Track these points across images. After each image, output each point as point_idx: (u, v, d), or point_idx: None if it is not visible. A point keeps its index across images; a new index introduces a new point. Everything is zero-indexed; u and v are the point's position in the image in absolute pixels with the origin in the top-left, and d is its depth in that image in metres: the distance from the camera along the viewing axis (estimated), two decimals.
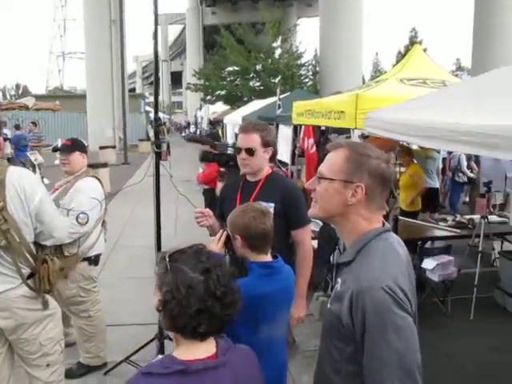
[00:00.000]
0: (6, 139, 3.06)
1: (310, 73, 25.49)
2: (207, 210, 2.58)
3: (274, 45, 24.81)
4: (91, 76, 25.39)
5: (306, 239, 2.69)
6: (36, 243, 2.58)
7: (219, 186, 3.55)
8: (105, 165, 11.87)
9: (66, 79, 57.16)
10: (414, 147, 6.99)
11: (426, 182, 7.14)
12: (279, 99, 11.12)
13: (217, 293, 1.31)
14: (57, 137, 18.82)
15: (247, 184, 2.71)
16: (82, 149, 3.58)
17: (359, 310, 1.26)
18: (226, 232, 2.05)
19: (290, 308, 2.19)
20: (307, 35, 32.28)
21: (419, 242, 5.64)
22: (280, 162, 9.96)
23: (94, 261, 3.52)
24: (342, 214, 1.43)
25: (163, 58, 66.53)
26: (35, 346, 2.59)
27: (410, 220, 6.08)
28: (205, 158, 3.42)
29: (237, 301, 1.38)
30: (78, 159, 3.48)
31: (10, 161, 7.67)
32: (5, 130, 14.98)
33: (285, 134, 10.58)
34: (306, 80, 25.35)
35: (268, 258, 2.06)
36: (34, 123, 16.36)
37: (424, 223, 6.09)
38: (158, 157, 3.26)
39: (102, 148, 17.64)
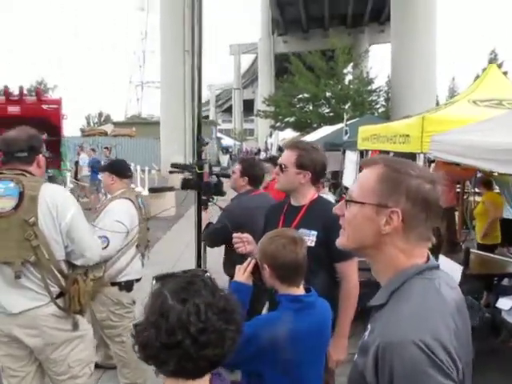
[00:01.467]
0: (47, 157, 3.07)
1: (382, 99, 24.97)
2: (246, 235, 2.40)
3: (345, 71, 24.62)
4: (165, 103, 26.38)
5: (352, 274, 2.42)
6: (68, 262, 2.52)
7: (204, 215, 3.33)
8: (171, 188, 12.07)
9: (143, 107, 59.97)
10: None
11: (506, 212, 6.51)
12: (346, 125, 10.87)
13: (190, 328, 1.12)
14: (132, 161, 19.64)
15: (291, 209, 2.51)
16: (113, 170, 3.56)
17: (386, 370, 1.01)
18: (254, 260, 1.86)
19: (326, 349, 1.95)
20: (379, 61, 31.87)
21: (495, 279, 5.11)
22: (346, 188, 9.66)
23: (125, 287, 3.42)
24: (375, 245, 1.18)
25: (236, 86, 68.35)
26: (63, 367, 2.52)
27: (484, 253, 5.55)
28: (185, 185, 3.29)
29: (221, 343, 1.16)
30: (105, 180, 3.53)
31: (52, 179, 7.90)
32: (82, 155, 15.78)
33: (351, 159, 10.31)
34: (377, 106, 24.85)
35: (300, 290, 1.85)
36: (107, 148, 17.10)
37: (501, 257, 5.53)
38: (200, 178, 3.11)
39: (170, 172, 17.99)
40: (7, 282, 2.36)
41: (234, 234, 2.43)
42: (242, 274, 1.86)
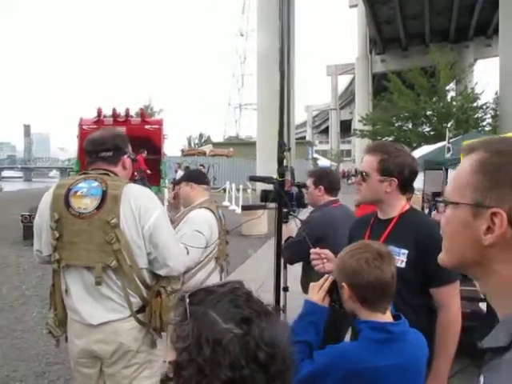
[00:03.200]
0: (133, 160, 3.03)
1: (488, 116, 23.35)
2: (326, 251, 2.16)
3: (447, 88, 23.40)
4: (261, 124, 26.73)
5: (452, 302, 2.01)
6: (151, 272, 2.35)
7: (284, 230, 3.06)
8: (263, 206, 12.00)
9: (242, 128, 61.44)
10: None
11: None
12: (449, 142, 10.20)
13: (259, 355, 0.88)
14: (227, 180, 20.12)
15: (378, 223, 2.19)
16: (188, 178, 3.46)
17: None
18: (331, 278, 1.62)
19: None
20: (485, 76, 29.99)
21: None
22: None
23: None
24: (479, 260, 0.86)
25: (333, 106, 67.92)
26: None
27: None
28: (264, 197, 3.13)
29: (289, 369, 0.93)
30: (184, 190, 3.40)
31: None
32: (179, 172, 16.38)
33: None
34: (484, 123, 23.25)
35: (386, 317, 1.54)
36: (203, 166, 17.60)
37: None
38: (281, 186, 2.92)
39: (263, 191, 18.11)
40: (87, 289, 2.25)
41: (312, 250, 2.21)
42: (317, 292, 1.62)
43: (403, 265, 1.96)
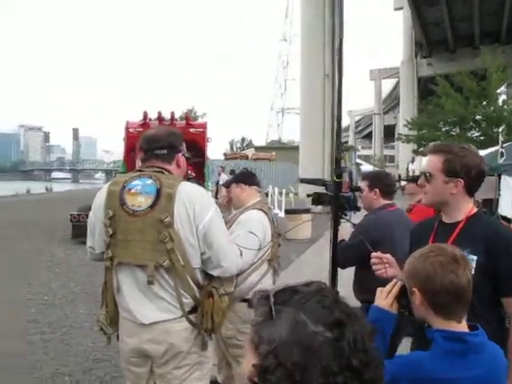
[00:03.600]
0: (187, 158, 2.98)
1: None
2: (388, 255, 2.06)
3: (498, 91, 22.57)
4: (304, 128, 26.60)
5: None
6: (204, 272, 2.31)
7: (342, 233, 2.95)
8: (307, 210, 11.94)
9: (284, 133, 61.49)
10: None
11: None
12: (502, 146, 9.80)
13: (353, 362, 0.81)
14: (270, 183, 20.12)
15: (443, 226, 2.06)
16: (237, 179, 3.40)
17: None
18: (401, 282, 1.52)
19: None
20: None
21: None
22: (503, 218, 8.58)
23: None
24: None
25: (376, 111, 66.90)
26: None
27: None
28: (315, 200, 3.00)
29: (381, 379, 0.86)
30: (234, 192, 3.34)
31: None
32: (222, 175, 16.48)
33: (508, 185, 9.15)
34: None
35: (462, 327, 1.42)
36: (246, 169, 17.66)
37: None
38: (338, 188, 2.82)
39: (308, 196, 17.98)
40: (139, 287, 2.23)
41: (374, 254, 2.11)
42: (384, 298, 1.53)
43: (472, 272, 1.84)
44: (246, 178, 3.46)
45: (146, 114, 15.41)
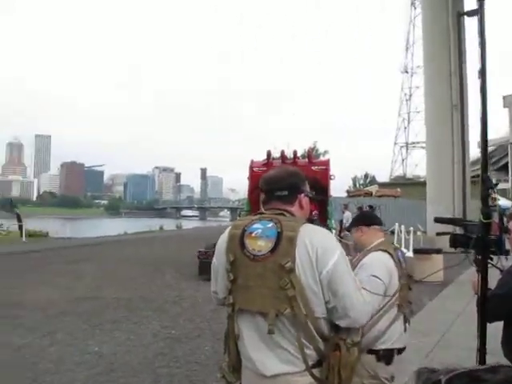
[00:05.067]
0: (311, 198, 2.87)
1: None
2: None
3: None
4: (431, 162, 25.31)
5: None
6: (329, 322, 2.12)
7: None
8: (439, 251, 11.15)
9: (409, 168, 59.10)
10: None
11: None
12: None
13: None
14: (395, 221, 19.31)
15: None
16: (357, 222, 3.31)
17: None
18: None
19: None
20: None
21: None
22: None
23: (384, 356, 2.88)
24: None
25: None
26: None
27: None
28: (454, 242, 2.73)
29: None
30: (355, 236, 3.25)
31: None
32: (346, 213, 16.14)
33: None
34: None
35: None
36: (371, 207, 17.19)
37: None
38: (486, 230, 2.47)
39: (438, 234, 16.93)
40: (260, 336, 2.12)
41: None
42: None
43: None
44: (365, 218, 3.38)
45: (269, 154, 15.76)
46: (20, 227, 23.35)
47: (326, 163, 15.67)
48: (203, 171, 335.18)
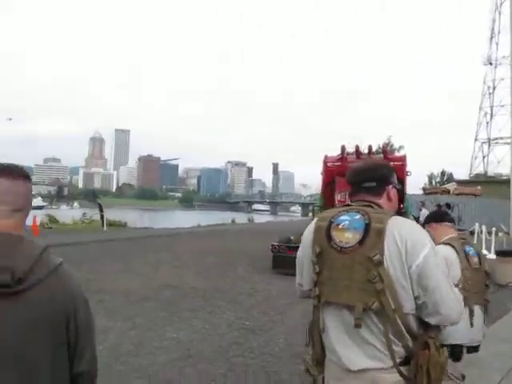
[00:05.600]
0: (399, 190, 2.78)
1: None
2: None
3: None
4: None
5: None
6: (418, 319, 2.05)
7: None
8: None
9: (490, 165, 55.87)
10: None
11: None
12: None
13: None
14: (475, 221, 18.39)
15: None
16: (428, 220, 3.40)
17: None
18: None
19: None
20: None
21: None
22: None
23: (452, 353, 2.77)
24: None
25: None
26: None
27: None
28: None
29: None
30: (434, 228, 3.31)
31: None
32: (423, 210, 15.62)
33: None
34: None
35: None
36: (448, 205, 16.57)
37: None
38: None
39: None
40: (346, 329, 2.09)
41: None
42: None
43: None
44: (436, 215, 3.46)
45: (343, 148, 15.46)
46: (101, 217, 24.57)
47: (403, 159, 15.19)
48: (275, 166, 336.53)
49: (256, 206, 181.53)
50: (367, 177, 2.25)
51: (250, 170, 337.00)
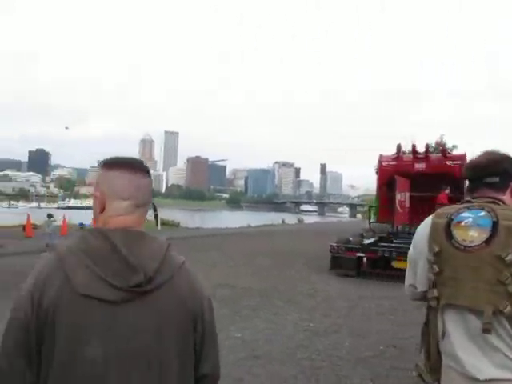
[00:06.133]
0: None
1: None
2: None
3: None
4: None
5: None
6: None
7: None
8: None
9: None
10: None
11: None
12: None
13: None
14: None
15: None
16: None
17: None
18: None
19: None
20: None
21: None
22: None
23: None
24: None
25: None
26: None
27: None
28: None
29: None
30: None
31: None
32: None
33: None
34: None
35: None
36: None
37: None
38: None
39: None
40: (470, 335, 1.95)
41: None
42: None
43: None
44: None
45: (399, 147, 15.09)
46: (156, 216, 25.08)
47: (463, 158, 14.65)
48: (323, 166, 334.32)
49: (304, 207, 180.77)
50: (490, 171, 2.09)
51: (297, 171, 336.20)
